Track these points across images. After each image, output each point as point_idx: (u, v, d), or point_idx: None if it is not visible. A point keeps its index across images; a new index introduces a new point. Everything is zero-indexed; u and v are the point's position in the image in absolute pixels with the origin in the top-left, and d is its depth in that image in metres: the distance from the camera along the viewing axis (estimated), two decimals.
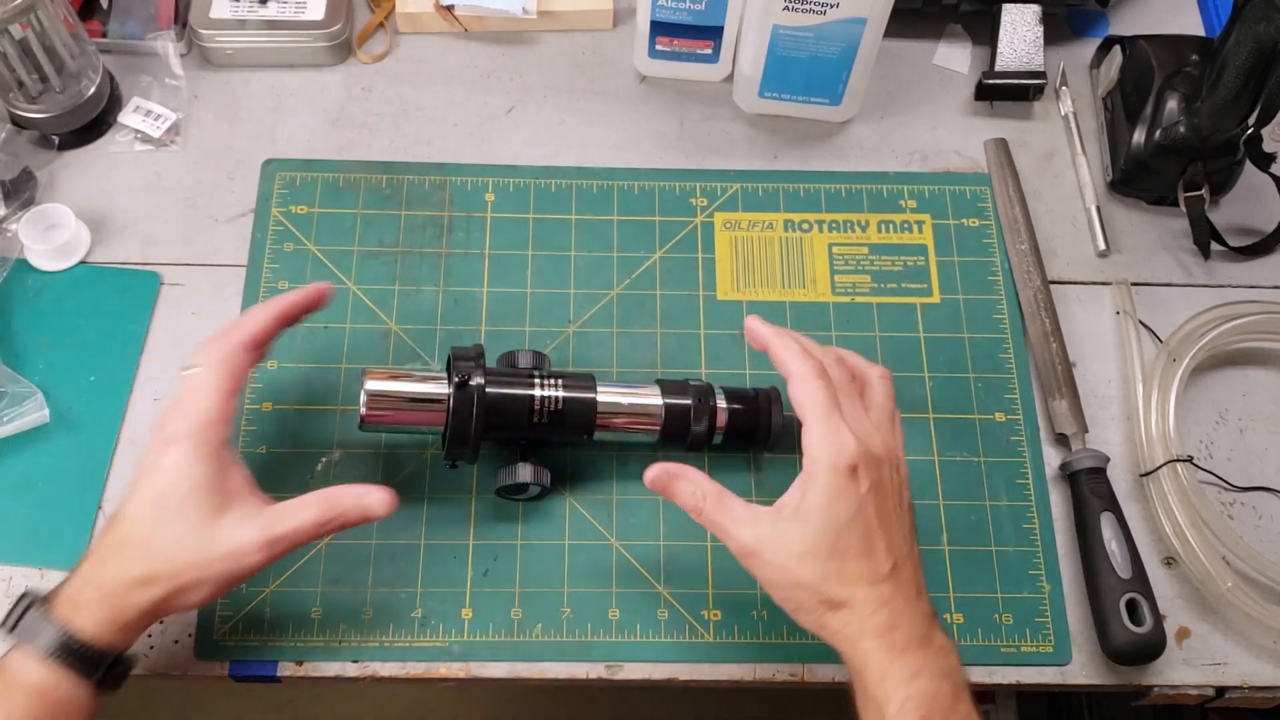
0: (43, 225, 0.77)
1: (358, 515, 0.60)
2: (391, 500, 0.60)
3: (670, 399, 0.68)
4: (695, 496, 0.60)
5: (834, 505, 0.57)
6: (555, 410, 0.66)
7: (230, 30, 0.84)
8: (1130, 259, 0.82)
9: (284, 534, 0.58)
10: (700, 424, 0.68)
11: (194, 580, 0.57)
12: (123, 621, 0.56)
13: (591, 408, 0.67)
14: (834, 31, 0.77)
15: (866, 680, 0.55)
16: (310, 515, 0.59)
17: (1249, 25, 0.69)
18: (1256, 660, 0.69)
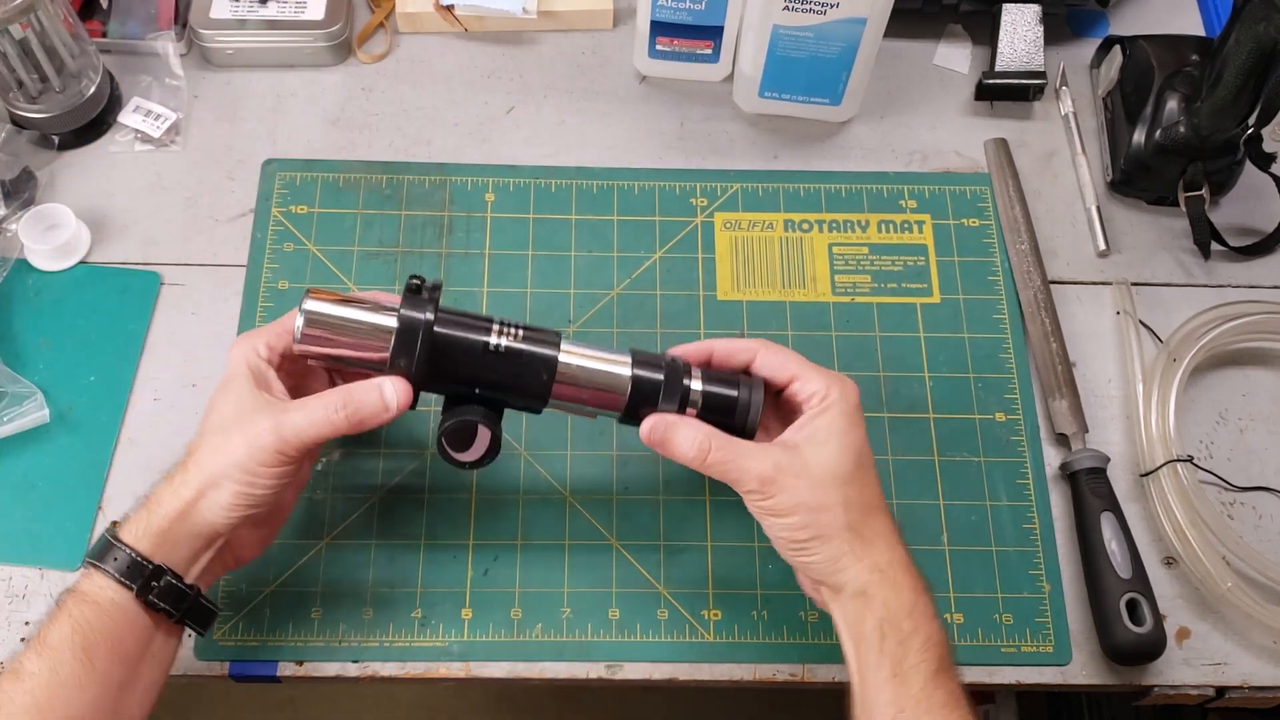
0: (43, 225, 0.77)
1: (373, 405, 0.58)
2: (405, 390, 0.58)
3: (640, 371, 0.61)
4: (698, 443, 0.58)
5: (849, 434, 0.59)
6: (508, 355, 0.60)
7: (230, 30, 0.84)
8: (1130, 259, 0.82)
9: (295, 421, 0.57)
10: (671, 403, 0.61)
11: (213, 472, 0.56)
12: (156, 527, 0.56)
13: (550, 365, 0.60)
14: (834, 31, 0.77)
15: (890, 607, 0.56)
16: (321, 404, 0.58)
17: (1249, 25, 0.69)
18: (1256, 660, 0.69)
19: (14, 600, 0.68)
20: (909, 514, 0.72)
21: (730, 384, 0.62)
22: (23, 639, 0.67)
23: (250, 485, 0.57)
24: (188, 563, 0.57)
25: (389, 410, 0.58)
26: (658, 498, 0.72)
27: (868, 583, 0.57)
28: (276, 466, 0.57)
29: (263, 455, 0.56)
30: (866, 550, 0.57)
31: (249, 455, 0.56)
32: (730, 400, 0.61)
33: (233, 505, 0.57)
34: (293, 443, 0.57)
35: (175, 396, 0.74)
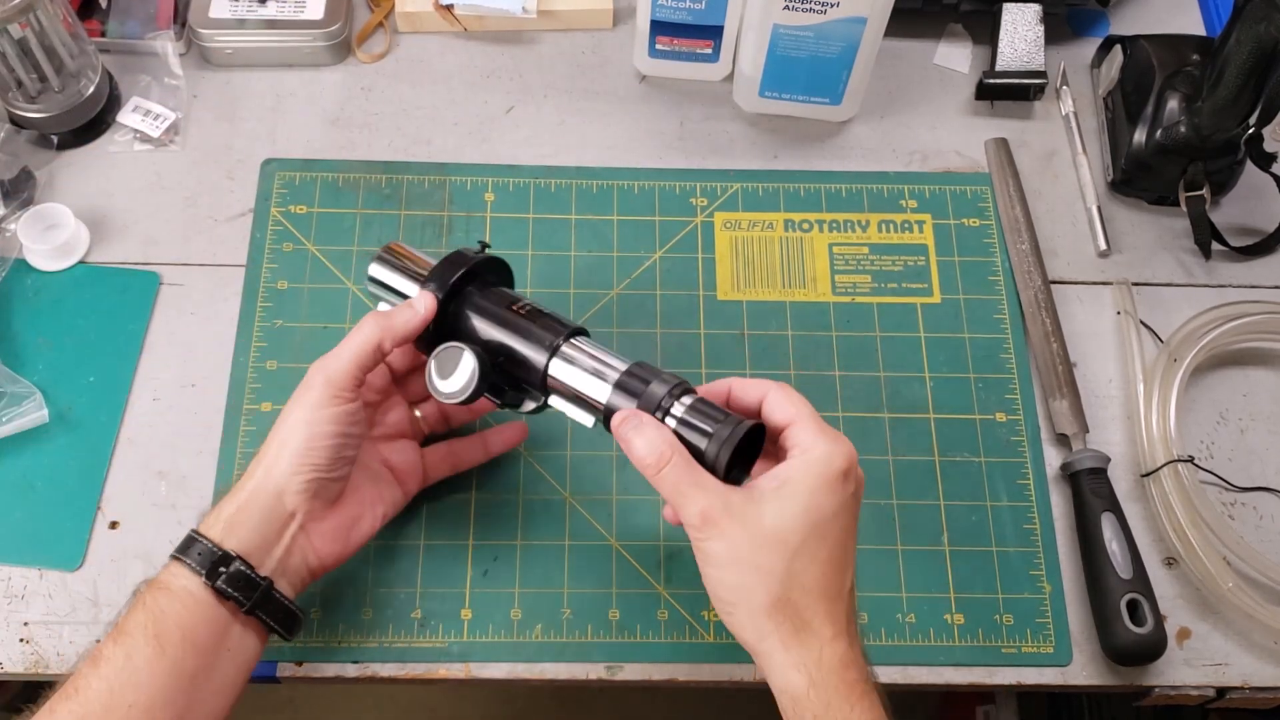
0: (42, 225, 0.77)
1: (402, 312, 0.59)
2: (430, 300, 0.60)
3: (618, 395, 0.57)
4: (657, 451, 0.53)
5: (820, 496, 0.51)
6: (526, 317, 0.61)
7: (229, 30, 0.84)
8: (1131, 259, 0.82)
9: (335, 353, 0.58)
10: None
11: (275, 441, 0.57)
12: (227, 513, 0.56)
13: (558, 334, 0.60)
14: (834, 31, 0.76)
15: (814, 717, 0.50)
16: (355, 328, 0.59)
17: (1250, 25, 0.69)
18: (1257, 660, 0.69)
19: (13, 600, 0.68)
20: (909, 514, 0.72)
21: (715, 419, 0.55)
22: (22, 639, 0.67)
23: (310, 438, 0.57)
24: (261, 550, 0.57)
25: (415, 314, 0.59)
26: (657, 498, 0.72)
27: (794, 685, 0.50)
28: (330, 406, 0.57)
29: (314, 397, 0.57)
30: (796, 641, 0.50)
31: (302, 408, 0.57)
32: (704, 431, 0.55)
33: (297, 465, 0.57)
34: (338, 372, 0.57)
35: (174, 396, 0.74)
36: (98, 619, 0.68)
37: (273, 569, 0.58)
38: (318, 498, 0.59)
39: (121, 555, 0.69)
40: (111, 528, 0.70)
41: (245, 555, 0.56)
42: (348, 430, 0.58)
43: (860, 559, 0.70)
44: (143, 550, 0.70)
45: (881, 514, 0.72)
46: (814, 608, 0.51)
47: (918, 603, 0.69)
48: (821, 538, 0.51)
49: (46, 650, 0.67)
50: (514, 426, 0.70)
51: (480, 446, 0.69)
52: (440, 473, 0.68)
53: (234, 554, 0.56)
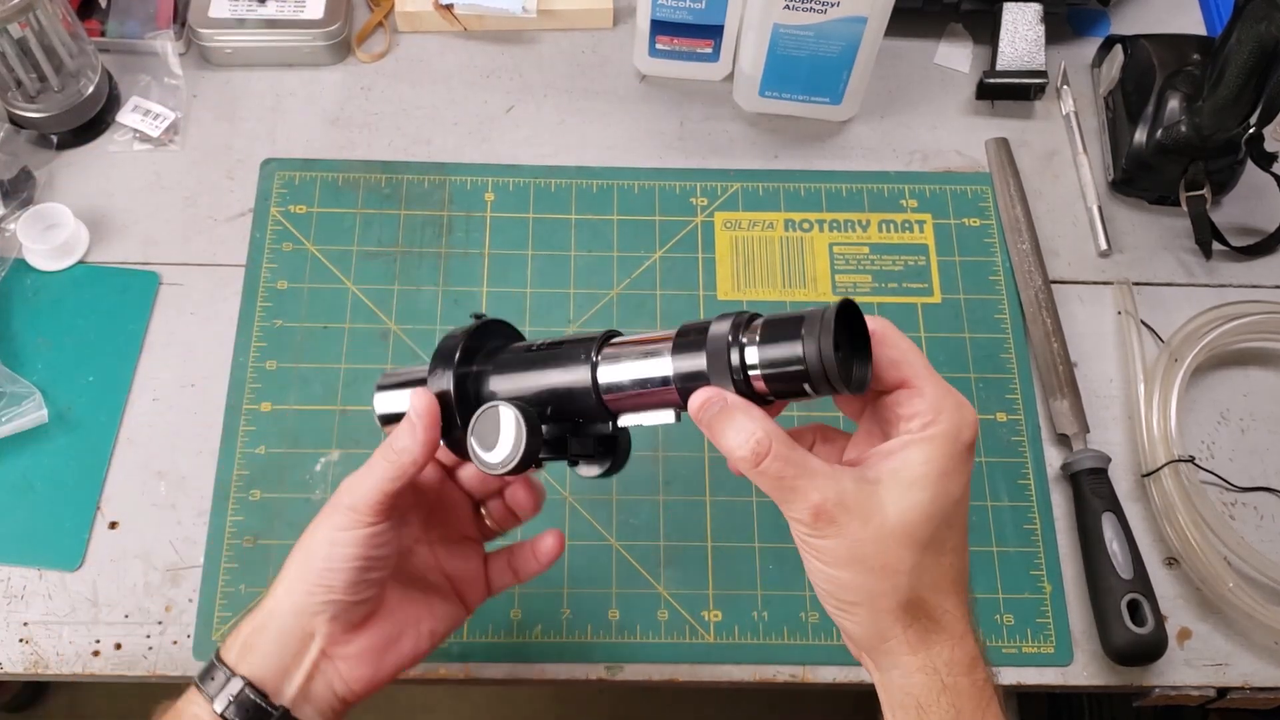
0: (41, 225, 0.77)
1: (403, 428, 0.51)
2: (425, 396, 0.51)
3: (682, 359, 0.47)
4: (754, 439, 0.44)
5: (948, 479, 0.44)
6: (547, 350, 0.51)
7: (229, 29, 0.84)
8: (1131, 259, 0.82)
9: (354, 477, 0.51)
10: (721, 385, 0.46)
11: (295, 560, 0.52)
12: (243, 634, 0.52)
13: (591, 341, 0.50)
14: (834, 30, 0.76)
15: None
16: (376, 461, 0.51)
17: (1250, 24, 0.69)
18: (1258, 661, 0.69)
19: (12, 600, 0.68)
20: None
21: (797, 320, 0.44)
22: (21, 639, 0.67)
23: (329, 559, 0.51)
24: (279, 675, 0.51)
25: (417, 425, 0.50)
26: (658, 498, 0.72)
27: (921, 689, 0.45)
28: (353, 529, 0.50)
29: (338, 519, 0.51)
30: (923, 641, 0.45)
31: (325, 527, 0.51)
32: (792, 335, 0.43)
33: (314, 588, 0.51)
34: (362, 498, 0.50)
35: (174, 396, 0.74)
36: (97, 619, 0.68)
37: (293, 696, 0.51)
38: (338, 621, 0.52)
39: (121, 555, 0.69)
40: (111, 528, 0.70)
41: (260, 680, 0.51)
42: (371, 553, 0.51)
43: None
44: (142, 550, 0.69)
45: None
46: (944, 603, 0.45)
47: None
48: (950, 525, 0.45)
49: (46, 650, 0.67)
50: (551, 536, 0.58)
51: (532, 557, 0.59)
52: (501, 584, 0.59)
53: (246, 679, 0.51)
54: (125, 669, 0.67)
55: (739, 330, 0.45)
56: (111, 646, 0.67)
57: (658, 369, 0.47)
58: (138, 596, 0.68)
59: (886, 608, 0.44)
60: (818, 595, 0.46)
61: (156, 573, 0.69)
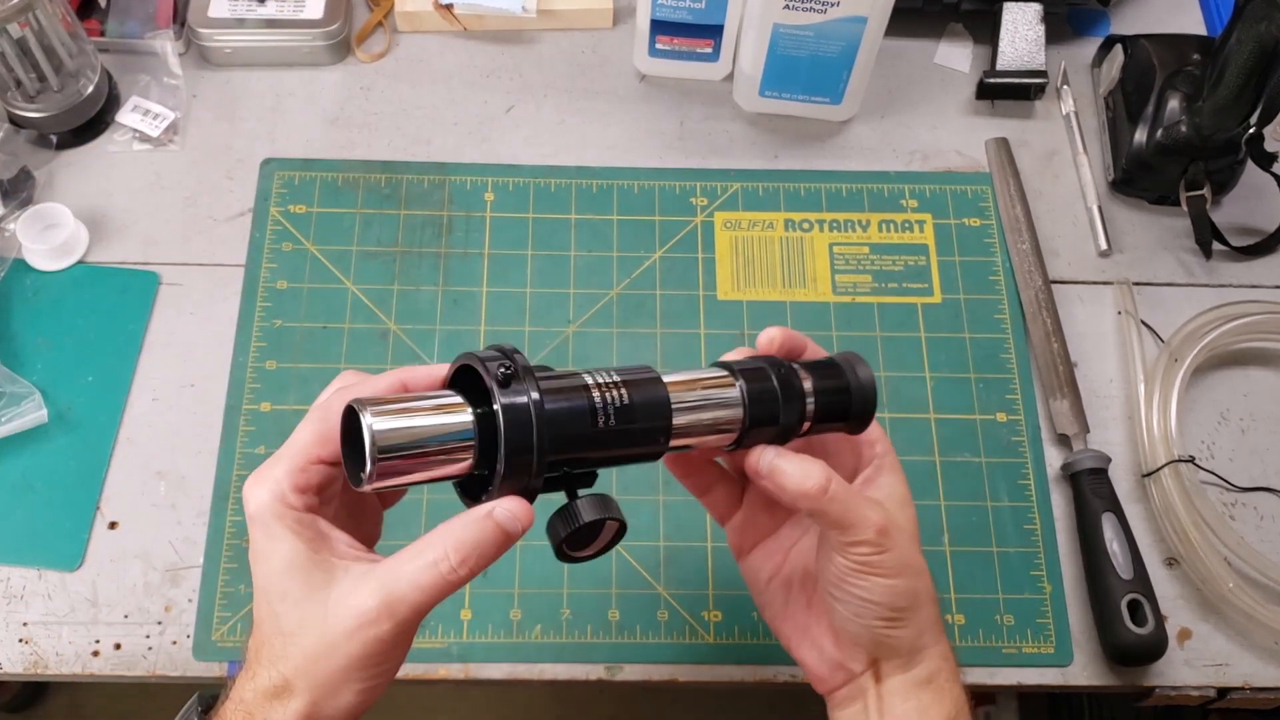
0: (41, 225, 0.77)
1: (496, 542, 0.46)
2: (525, 510, 0.47)
3: (749, 382, 0.49)
4: (817, 477, 0.48)
5: (907, 498, 0.52)
6: (621, 409, 0.46)
7: (229, 29, 0.84)
8: (1132, 259, 0.81)
9: (403, 591, 0.45)
10: (791, 412, 0.49)
11: (328, 677, 0.45)
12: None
13: (664, 404, 0.47)
14: (834, 30, 0.76)
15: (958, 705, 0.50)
16: (427, 561, 0.45)
17: (1250, 24, 0.69)
18: (1258, 661, 0.69)
19: (12, 601, 0.68)
20: None
21: (834, 365, 0.51)
22: (21, 639, 0.67)
23: (373, 678, 0.46)
24: None
25: (514, 538, 0.47)
26: (658, 498, 0.72)
27: (942, 672, 0.50)
28: (399, 646, 0.46)
29: (382, 642, 0.45)
30: (939, 632, 0.51)
31: (365, 650, 0.45)
32: (843, 398, 0.50)
33: (359, 704, 0.47)
34: (408, 616, 0.45)
35: (174, 396, 0.74)
36: (97, 619, 0.68)
37: None
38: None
39: (121, 555, 0.69)
40: (111, 528, 0.70)
41: None
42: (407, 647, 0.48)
43: None
44: (142, 550, 0.69)
45: None
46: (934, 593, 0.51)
47: None
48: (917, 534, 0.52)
49: (46, 650, 0.67)
50: None
51: None
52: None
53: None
54: (125, 669, 0.67)
55: (779, 368, 0.50)
56: (111, 647, 0.67)
57: (730, 421, 0.49)
58: (137, 597, 0.68)
59: (928, 601, 0.50)
60: (863, 618, 0.50)
61: (156, 573, 0.69)
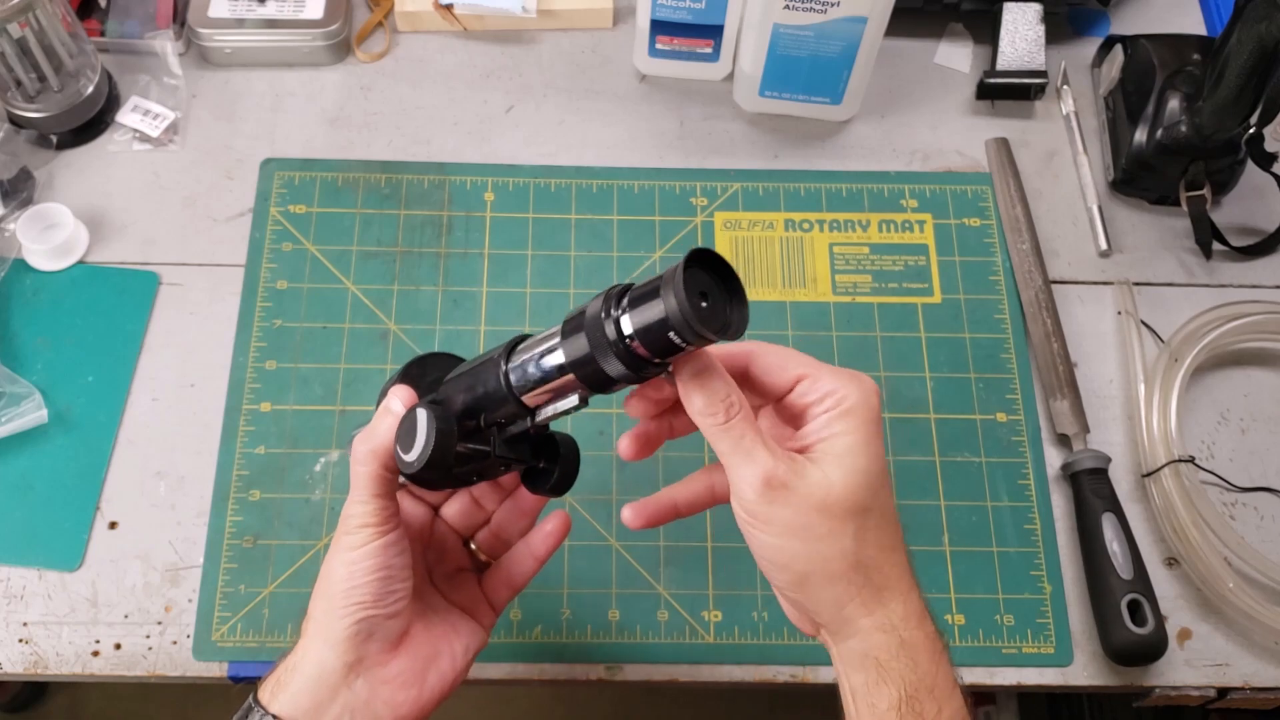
0: (41, 225, 0.77)
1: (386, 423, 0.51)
2: (403, 391, 0.52)
3: (570, 342, 0.47)
4: (729, 399, 0.46)
5: (870, 447, 0.47)
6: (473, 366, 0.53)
7: (229, 29, 0.84)
8: (1132, 259, 0.81)
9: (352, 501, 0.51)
10: (614, 365, 0.46)
11: (319, 597, 0.52)
12: (277, 674, 0.51)
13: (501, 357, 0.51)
14: (835, 30, 0.76)
15: (910, 684, 0.46)
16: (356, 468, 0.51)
17: (1250, 25, 0.69)
18: (1258, 661, 0.69)
19: (12, 601, 0.68)
20: (910, 514, 0.72)
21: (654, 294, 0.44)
22: (21, 639, 0.67)
23: (350, 576, 0.50)
24: (314, 710, 0.51)
25: (396, 414, 0.51)
26: None
27: (879, 647, 0.47)
28: (366, 544, 0.51)
29: (348, 539, 0.51)
30: (877, 600, 0.47)
31: (337, 550, 0.51)
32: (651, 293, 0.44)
33: (343, 609, 0.51)
34: (360, 513, 0.51)
35: (173, 396, 0.74)
36: (97, 619, 0.68)
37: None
38: (374, 640, 0.52)
39: (121, 555, 0.69)
40: (111, 528, 0.70)
41: (291, 717, 0.50)
42: (391, 561, 0.51)
43: None
44: (142, 550, 0.69)
45: None
46: (889, 561, 0.47)
47: None
48: (885, 488, 0.48)
49: (46, 650, 0.67)
50: (551, 518, 0.59)
51: (528, 555, 0.59)
52: (502, 597, 0.59)
53: (276, 717, 0.50)
54: (125, 669, 0.67)
55: (611, 304, 0.46)
56: (111, 646, 0.67)
57: (554, 359, 0.48)
58: (137, 597, 0.68)
59: (838, 572, 0.46)
60: (768, 576, 0.48)
61: (156, 573, 0.69)
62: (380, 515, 0.51)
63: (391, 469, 0.52)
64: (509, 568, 0.59)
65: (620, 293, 0.46)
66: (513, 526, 0.60)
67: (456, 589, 0.58)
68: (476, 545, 0.60)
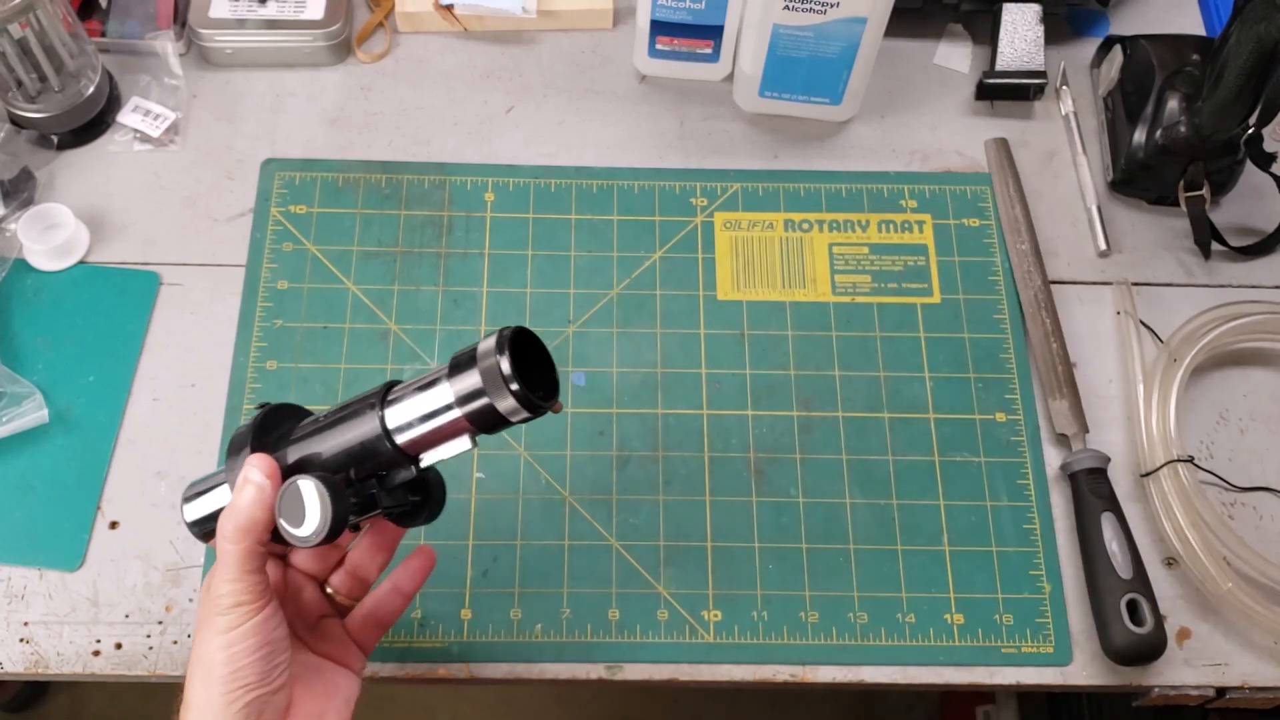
0: (42, 225, 0.77)
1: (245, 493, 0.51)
2: (264, 460, 0.51)
3: (459, 379, 0.50)
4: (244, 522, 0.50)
5: None
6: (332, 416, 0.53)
7: (229, 29, 0.84)
8: (1131, 259, 0.82)
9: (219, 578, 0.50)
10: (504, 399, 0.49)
11: (196, 683, 0.50)
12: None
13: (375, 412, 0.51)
14: (834, 31, 0.76)
15: None
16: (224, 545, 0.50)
17: (1249, 25, 0.69)
18: (1257, 661, 0.69)
19: (13, 601, 0.68)
20: (909, 514, 0.72)
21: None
22: (22, 639, 0.67)
23: (232, 659, 0.50)
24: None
25: (260, 485, 0.50)
26: (658, 498, 0.72)
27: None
28: (243, 623, 0.50)
29: (221, 621, 0.50)
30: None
31: (211, 632, 0.50)
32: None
33: (230, 695, 0.50)
34: (232, 591, 0.50)
35: (174, 396, 0.74)
36: (97, 619, 0.68)
37: None
38: (263, 717, 0.51)
39: (121, 555, 0.69)
40: (111, 528, 0.70)
41: None
42: (270, 635, 0.51)
43: (861, 559, 0.70)
44: (142, 550, 0.70)
45: (882, 514, 0.72)
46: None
47: (918, 603, 0.70)
48: None
49: (46, 650, 0.67)
50: (416, 554, 0.60)
51: (394, 593, 0.60)
52: (372, 638, 0.60)
53: None
54: (125, 669, 0.67)
55: (503, 344, 0.48)
56: (112, 646, 0.67)
57: (440, 398, 0.50)
58: (138, 596, 0.68)
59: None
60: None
61: (157, 573, 0.69)
62: (254, 591, 0.50)
63: (263, 542, 0.51)
64: (375, 609, 0.59)
65: (511, 335, 0.49)
66: (370, 564, 0.59)
67: (321, 639, 0.57)
68: (333, 589, 0.59)
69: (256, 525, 0.50)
